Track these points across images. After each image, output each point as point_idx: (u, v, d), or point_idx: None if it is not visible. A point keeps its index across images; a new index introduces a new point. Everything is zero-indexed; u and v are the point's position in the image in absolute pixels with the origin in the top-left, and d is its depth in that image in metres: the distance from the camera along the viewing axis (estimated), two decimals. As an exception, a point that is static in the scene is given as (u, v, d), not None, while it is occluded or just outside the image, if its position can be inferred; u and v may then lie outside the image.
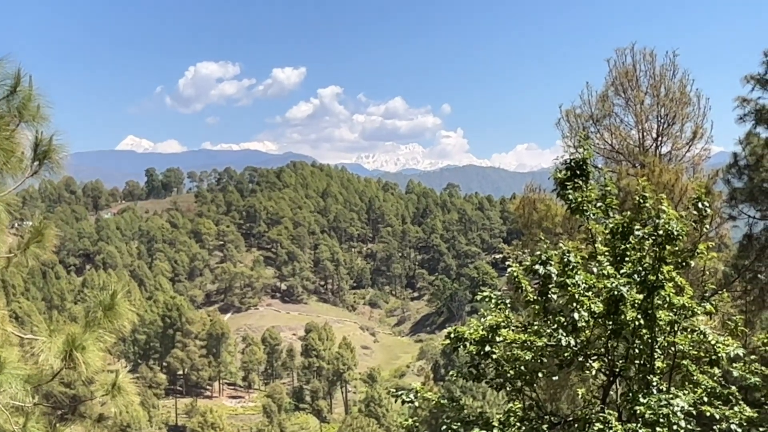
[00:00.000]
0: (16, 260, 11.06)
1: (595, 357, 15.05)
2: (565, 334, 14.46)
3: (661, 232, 14.43)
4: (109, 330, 10.32)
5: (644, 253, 14.86)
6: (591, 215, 15.59)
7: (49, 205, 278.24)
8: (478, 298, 16.17)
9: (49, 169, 10.87)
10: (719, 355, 14.48)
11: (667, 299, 14.32)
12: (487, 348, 14.92)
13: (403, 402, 16.11)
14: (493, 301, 15.83)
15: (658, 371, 14.74)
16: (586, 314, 14.37)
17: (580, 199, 15.52)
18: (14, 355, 9.96)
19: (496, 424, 15.13)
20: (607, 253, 15.42)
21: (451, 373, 16.94)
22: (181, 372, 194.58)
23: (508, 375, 15.23)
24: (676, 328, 14.64)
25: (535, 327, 15.26)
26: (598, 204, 15.71)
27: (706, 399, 14.28)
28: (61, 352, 9.87)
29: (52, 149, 10.72)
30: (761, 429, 14.39)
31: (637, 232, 15.00)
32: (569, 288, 14.43)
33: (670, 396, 13.67)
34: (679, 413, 13.29)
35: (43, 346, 9.89)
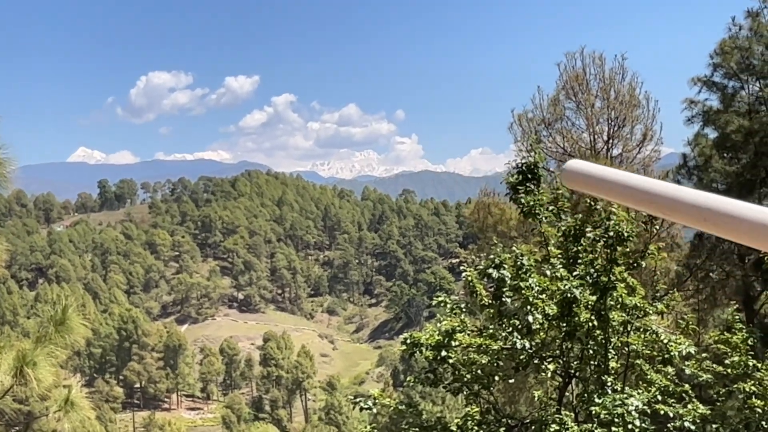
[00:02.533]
0: (-36, 276, 10.89)
1: (551, 359, 15.18)
2: (520, 337, 14.55)
3: (611, 233, 14.62)
4: (61, 345, 10.21)
5: (596, 255, 15.03)
6: (543, 218, 15.71)
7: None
8: (434, 303, 16.24)
9: (-3, 183, 10.73)
10: (672, 353, 14.68)
11: (620, 300, 14.50)
12: (443, 353, 14.96)
13: (362, 409, 16.11)
14: (449, 305, 15.89)
15: (613, 371, 14.91)
16: (540, 317, 14.46)
17: (532, 203, 15.64)
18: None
19: (454, 428, 15.18)
20: (560, 256, 15.56)
21: (409, 378, 16.96)
22: (138, 385, 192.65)
23: (465, 379, 15.31)
24: (629, 329, 14.83)
25: (491, 330, 15.34)
26: (550, 207, 15.83)
27: (660, 397, 14.46)
28: (11, 369, 9.75)
29: (0, 163, 10.59)
30: (714, 426, 14.60)
31: (588, 234, 15.16)
32: (523, 291, 14.52)
33: (625, 395, 13.82)
34: (633, 412, 13.44)
35: (-7, 363, 9.76)
